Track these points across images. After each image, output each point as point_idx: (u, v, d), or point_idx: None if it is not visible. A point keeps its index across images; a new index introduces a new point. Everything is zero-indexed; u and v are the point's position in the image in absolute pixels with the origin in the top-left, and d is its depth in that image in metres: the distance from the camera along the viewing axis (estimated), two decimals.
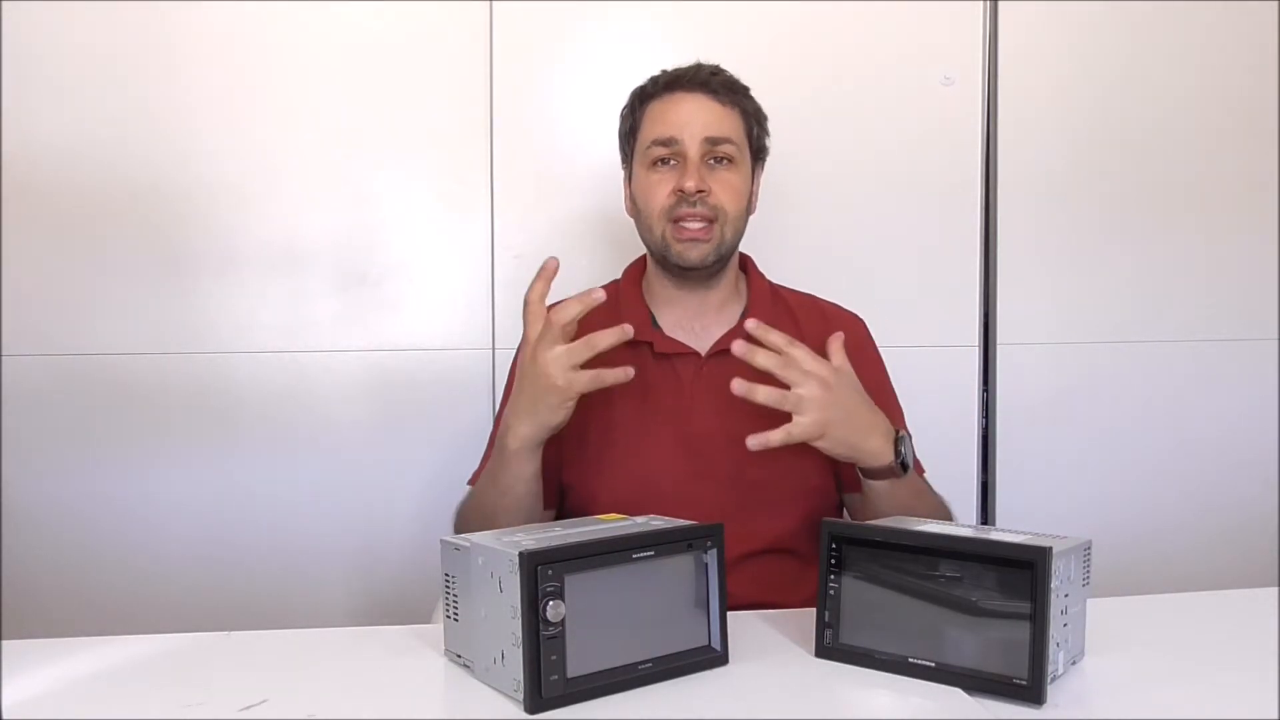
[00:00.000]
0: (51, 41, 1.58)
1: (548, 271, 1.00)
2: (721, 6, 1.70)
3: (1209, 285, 1.85)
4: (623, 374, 0.99)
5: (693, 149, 1.13)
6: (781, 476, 1.12)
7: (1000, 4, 1.76)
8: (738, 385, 0.95)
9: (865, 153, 1.75)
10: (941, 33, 1.75)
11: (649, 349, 1.17)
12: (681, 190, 1.12)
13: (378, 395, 1.66)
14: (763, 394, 0.95)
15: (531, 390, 0.99)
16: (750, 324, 0.98)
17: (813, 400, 0.96)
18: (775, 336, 0.97)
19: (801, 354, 0.97)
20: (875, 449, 1.00)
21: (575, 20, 1.68)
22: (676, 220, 1.13)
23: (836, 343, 1.02)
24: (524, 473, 1.04)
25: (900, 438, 1.02)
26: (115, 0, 1.58)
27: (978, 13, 1.76)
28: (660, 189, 1.14)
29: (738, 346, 0.96)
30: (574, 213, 1.69)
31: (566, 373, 0.96)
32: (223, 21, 1.61)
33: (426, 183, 1.66)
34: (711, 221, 1.13)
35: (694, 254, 1.14)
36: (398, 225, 1.66)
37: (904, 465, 1.02)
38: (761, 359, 0.96)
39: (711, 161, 1.14)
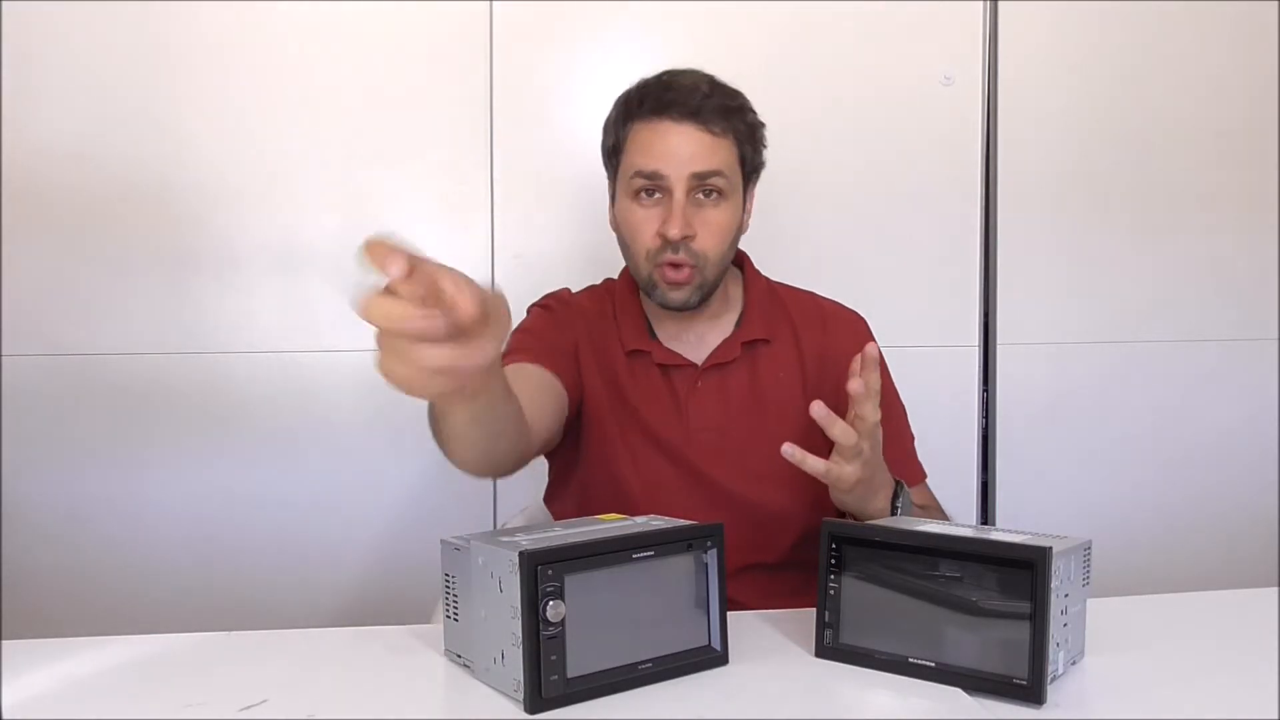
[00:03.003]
0: (51, 42, 1.58)
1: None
2: (721, 7, 1.70)
3: (1209, 285, 1.85)
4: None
5: (678, 187, 1.06)
6: (782, 491, 1.12)
7: (1000, 4, 1.76)
8: (818, 410, 0.89)
9: (865, 152, 1.75)
10: (941, 33, 1.75)
11: (650, 357, 1.16)
12: (664, 236, 1.07)
13: (378, 395, 1.66)
14: (839, 429, 0.90)
15: None
16: (870, 347, 0.92)
17: (865, 459, 0.93)
18: (875, 378, 0.92)
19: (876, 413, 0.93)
20: (878, 509, 1.00)
21: (575, 21, 1.68)
22: (660, 265, 1.09)
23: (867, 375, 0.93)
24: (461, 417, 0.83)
25: (898, 492, 1.01)
26: (115, 1, 1.59)
27: (978, 13, 1.76)
28: (645, 229, 1.09)
29: (817, 410, 0.89)
30: (574, 213, 1.69)
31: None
32: (223, 22, 1.61)
33: (426, 183, 1.67)
34: (693, 268, 1.09)
35: (676, 297, 1.10)
36: (398, 225, 1.66)
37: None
38: (839, 430, 0.90)
39: (699, 195, 1.09)
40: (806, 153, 1.71)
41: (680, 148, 1.07)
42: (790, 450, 0.89)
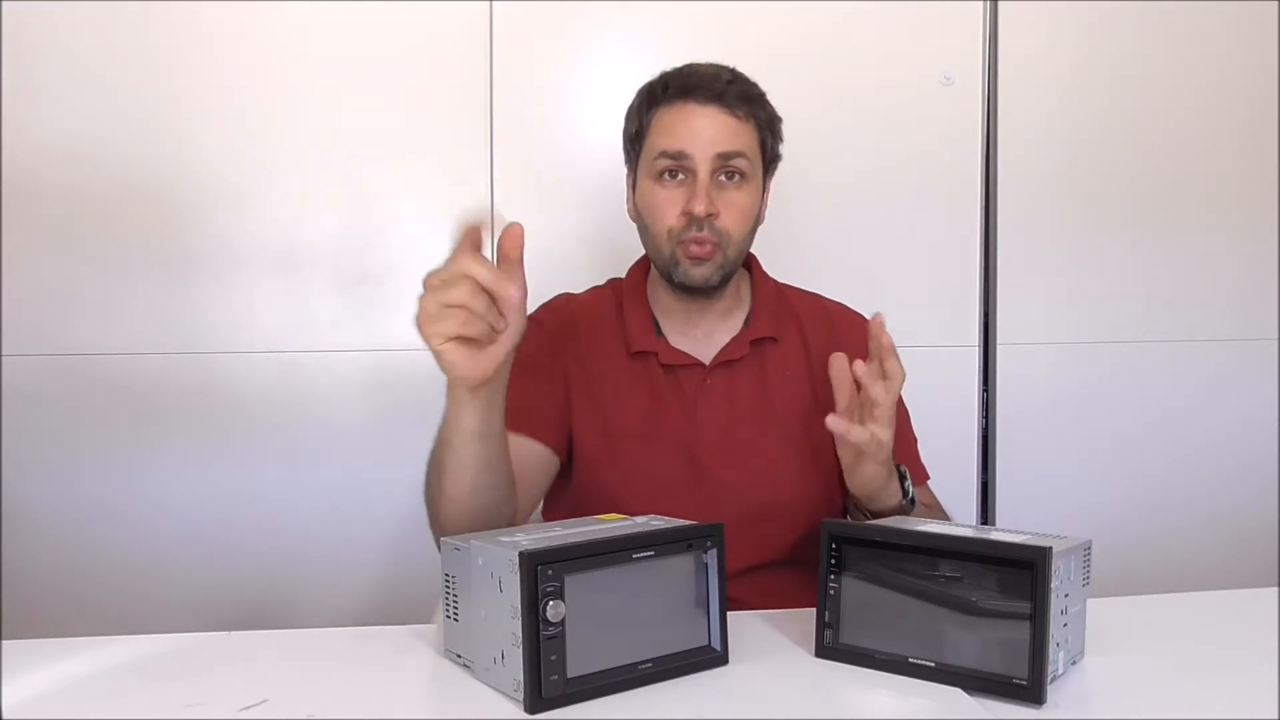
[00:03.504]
0: (51, 42, 1.58)
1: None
2: (721, 7, 1.70)
3: (1209, 285, 1.85)
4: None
5: (703, 167, 1.08)
6: (789, 489, 1.12)
7: (1000, 4, 1.76)
8: (861, 367, 0.93)
9: (865, 153, 1.75)
10: (941, 33, 1.75)
11: (655, 358, 1.16)
12: (689, 213, 1.08)
13: (378, 395, 1.66)
14: (880, 387, 0.93)
15: None
16: (877, 323, 0.96)
17: (891, 420, 0.95)
18: (887, 341, 0.95)
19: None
20: (893, 491, 1.02)
21: (575, 20, 1.68)
22: (683, 242, 1.10)
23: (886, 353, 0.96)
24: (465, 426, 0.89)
25: (903, 475, 1.03)
26: (115, 1, 1.59)
27: (978, 13, 1.76)
28: (668, 208, 1.10)
29: (860, 367, 0.94)
30: (574, 213, 1.69)
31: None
32: (222, 22, 1.61)
33: (426, 183, 1.67)
34: (716, 245, 1.10)
35: (698, 273, 1.11)
36: (398, 225, 1.66)
37: (912, 502, 1.04)
38: (879, 388, 0.93)
39: (722, 178, 1.10)
40: (806, 153, 1.71)
41: (705, 129, 1.09)
42: (835, 422, 0.93)
